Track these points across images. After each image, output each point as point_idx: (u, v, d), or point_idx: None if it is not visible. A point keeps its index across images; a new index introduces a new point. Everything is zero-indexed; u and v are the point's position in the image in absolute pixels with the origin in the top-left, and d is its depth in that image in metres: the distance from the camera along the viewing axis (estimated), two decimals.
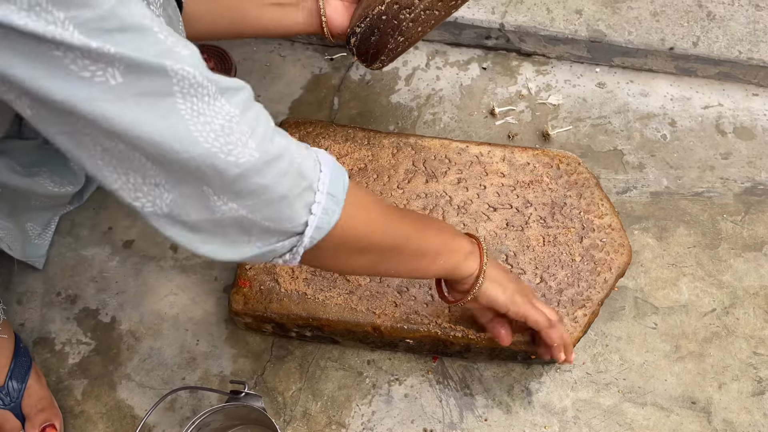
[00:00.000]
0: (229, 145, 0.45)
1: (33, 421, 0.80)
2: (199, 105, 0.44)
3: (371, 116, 1.08)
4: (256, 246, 0.52)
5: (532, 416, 0.85)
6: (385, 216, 0.60)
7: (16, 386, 0.80)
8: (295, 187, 0.50)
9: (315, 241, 0.53)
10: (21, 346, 0.83)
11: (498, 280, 0.70)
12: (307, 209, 0.51)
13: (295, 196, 0.50)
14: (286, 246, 0.53)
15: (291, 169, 0.49)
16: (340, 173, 0.54)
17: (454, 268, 0.66)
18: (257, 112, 0.48)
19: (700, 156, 1.04)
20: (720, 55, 1.08)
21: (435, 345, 0.84)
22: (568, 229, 0.88)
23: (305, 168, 0.51)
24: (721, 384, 0.87)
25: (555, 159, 0.93)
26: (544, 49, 1.13)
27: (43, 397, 0.82)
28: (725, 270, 0.95)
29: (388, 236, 0.60)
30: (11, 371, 0.80)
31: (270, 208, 0.49)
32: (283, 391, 0.86)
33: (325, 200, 0.52)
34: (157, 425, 0.84)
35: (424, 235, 0.63)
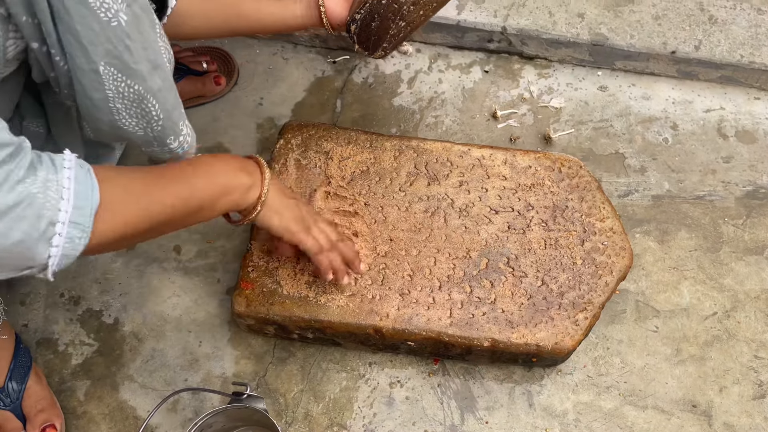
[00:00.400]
0: None
1: (33, 422, 0.80)
2: None
3: (374, 119, 1.09)
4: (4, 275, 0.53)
5: (533, 419, 0.85)
6: (144, 204, 0.60)
7: (15, 387, 0.80)
8: (32, 230, 0.50)
9: (66, 264, 0.54)
10: (21, 346, 0.83)
11: (276, 208, 0.73)
12: (47, 244, 0.52)
13: (32, 240, 0.51)
14: (35, 272, 0.54)
15: (29, 212, 0.50)
16: (86, 197, 0.54)
17: (235, 205, 0.69)
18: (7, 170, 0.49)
19: (701, 159, 1.05)
20: (722, 58, 1.08)
21: (436, 347, 0.84)
22: (570, 233, 0.88)
23: (46, 208, 0.51)
24: (722, 387, 0.87)
25: (557, 162, 0.93)
26: (546, 52, 1.13)
27: (44, 397, 0.82)
28: (726, 273, 0.95)
29: (153, 218, 0.61)
30: (11, 372, 0.80)
31: (8, 253, 0.50)
32: (285, 393, 0.86)
33: (67, 230, 0.53)
34: (160, 426, 0.84)
35: (193, 194, 0.65)
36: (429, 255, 0.86)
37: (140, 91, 0.63)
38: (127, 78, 0.61)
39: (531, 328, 0.82)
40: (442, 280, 0.85)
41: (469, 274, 0.85)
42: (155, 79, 0.64)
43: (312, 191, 0.90)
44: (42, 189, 0.51)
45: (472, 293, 0.84)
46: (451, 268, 0.86)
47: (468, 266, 0.86)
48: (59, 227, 0.52)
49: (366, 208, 0.90)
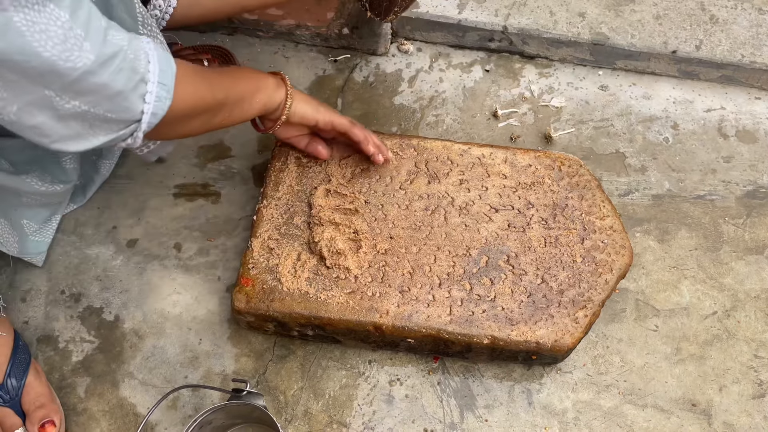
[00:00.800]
0: (66, 52, 0.50)
1: (32, 418, 0.80)
2: (31, 15, 0.47)
3: (374, 118, 1.09)
4: (100, 136, 0.59)
5: (532, 417, 0.85)
6: (208, 82, 0.68)
7: (14, 383, 0.81)
8: (129, 81, 0.56)
9: (153, 125, 0.60)
10: (20, 343, 0.83)
11: (303, 99, 0.82)
12: (141, 99, 0.58)
13: (129, 90, 0.56)
14: (127, 133, 0.60)
15: (125, 65, 0.55)
16: (168, 62, 0.60)
17: (267, 100, 0.77)
18: (87, 13, 0.52)
19: (702, 159, 1.05)
20: (723, 58, 1.09)
21: (436, 345, 0.84)
22: (570, 231, 0.88)
23: (137, 63, 0.56)
24: (722, 387, 0.87)
25: (557, 161, 0.93)
26: (547, 51, 1.13)
27: (42, 393, 0.82)
28: (726, 273, 0.95)
29: (213, 97, 0.68)
30: (10, 368, 0.81)
31: (109, 102, 0.55)
32: (285, 391, 0.86)
33: (157, 89, 0.58)
34: (159, 423, 0.84)
35: (239, 84, 0.74)
36: (429, 253, 0.87)
37: None
38: None
39: (531, 325, 0.82)
40: (442, 277, 0.85)
41: (469, 272, 0.85)
42: None
43: (313, 189, 0.90)
44: (129, 46, 0.55)
45: (472, 291, 0.84)
46: (451, 265, 0.86)
47: (468, 264, 0.86)
48: (150, 86, 0.58)
49: (366, 206, 0.90)
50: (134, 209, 1.00)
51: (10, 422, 0.80)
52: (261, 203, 0.90)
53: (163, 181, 1.02)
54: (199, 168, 1.03)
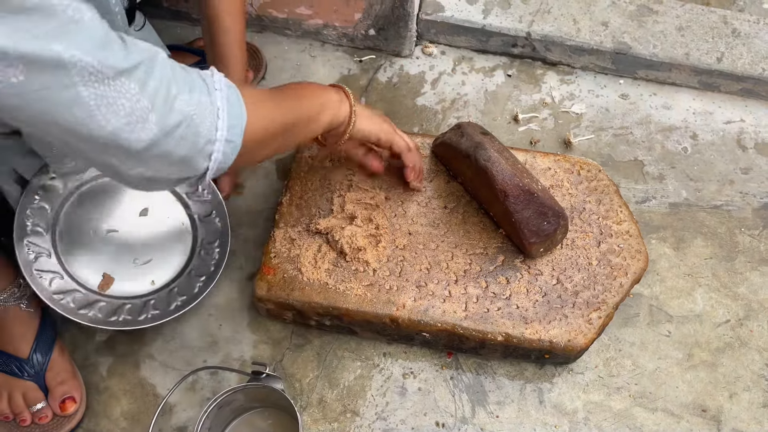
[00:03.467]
0: (130, 125, 0.50)
1: (54, 393, 0.83)
2: (101, 89, 0.47)
3: (396, 117, 1.11)
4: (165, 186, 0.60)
5: (543, 416, 0.86)
6: (276, 109, 0.67)
7: (39, 359, 0.83)
8: (193, 147, 0.56)
9: (219, 172, 0.61)
10: (47, 320, 0.86)
11: (367, 115, 0.80)
12: (206, 158, 0.58)
13: (194, 154, 0.56)
14: (192, 182, 0.61)
15: (189, 132, 0.54)
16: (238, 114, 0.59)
17: (333, 118, 0.75)
18: (158, 82, 0.51)
19: (720, 170, 1.06)
20: (743, 71, 1.10)
21: (450, 340, 0.86)
22: (586, 234, 0.89)
23: (203, 127, 0.56)
24: (732, 394, 0.88)
25: (576, 165, 0.95)
26: (569, 59, 1.15)
27: (65, 369, 0.85)
28: (741, 282, 0.96)
29: (282, 124, 0.67)
30: (36, 344, 0.84)
31: (172, 167, 0.56)
32: (301, 378, 0.88)
33: (223, 147, 0.58)
34: (178, 404, 0.87)
35: (304, 104, 0.72)
36: (447, 249, 0.88)
37: None
38: None
39: (545, 324, 0.83)
40: (459, 274, 0.87)
41: (486, 270, 0.87)
42: None
43: (335, 184, 0.93)
44: (197, 110, 0.55)
45: (488, 288, 0.86)
46: (468, 263, 0.87)
47: (485, 262, 0.87)
48: (217, 145, 0.57)
49: (387, 201, 0.92)
50: None
51: (33, 396, 0.83)
52: (284, 196, 0.92)
53: None
54: None
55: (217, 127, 0.57)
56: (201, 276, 0.88)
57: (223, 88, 0.58)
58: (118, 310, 0.83)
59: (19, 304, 0.83)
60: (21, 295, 0.83)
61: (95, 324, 0.81)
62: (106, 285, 0.85)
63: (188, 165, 0.57)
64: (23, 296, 0.84)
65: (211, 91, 0.57)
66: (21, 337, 0.83)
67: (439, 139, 0.93)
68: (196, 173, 0.59)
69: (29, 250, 0.81)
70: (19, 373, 0.82)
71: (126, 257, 0.87)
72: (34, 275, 0.80)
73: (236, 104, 0.59)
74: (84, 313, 0.81)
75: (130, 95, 0.49)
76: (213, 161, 0.58)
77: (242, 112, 0.59)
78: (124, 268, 0.87)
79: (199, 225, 0.92)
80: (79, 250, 0.86)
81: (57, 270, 0.83)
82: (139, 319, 0.83)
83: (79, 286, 0.83)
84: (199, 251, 0.90)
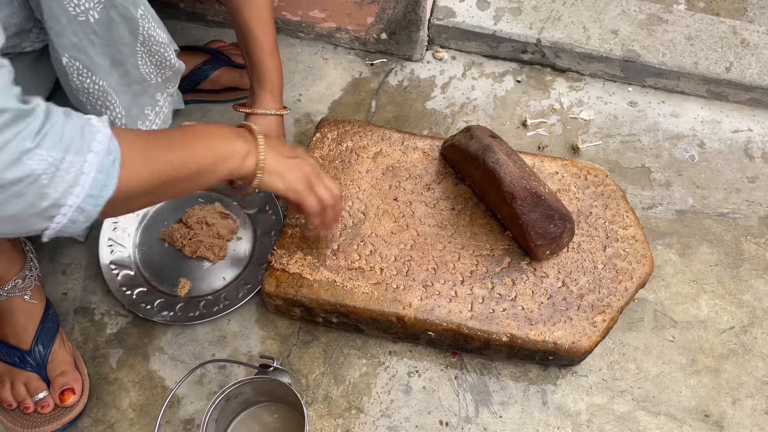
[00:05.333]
0: None
1: (54, 385, 0.84)
2: None
3: (406, 121, 1.12)
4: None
5: (546, 417, 0.87)
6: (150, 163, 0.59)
7: (41, 351, 0.84)
8: (30, 207, 0.49)
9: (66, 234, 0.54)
10: (50, 312, 0.87)
11: (277, 171, 0.72)
12: (46, 221, 0.52)
13: (29, 215, 0.50)
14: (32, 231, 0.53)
15: (30, 190, 0.49)
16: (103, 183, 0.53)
17: (233, 171, 0.68)
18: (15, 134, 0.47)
19: (727, 178, 1.06)
20: (752, 81, 1.10)
21: (455, 339, 0.87)
22: (593, 238, 0.90)
23: (52, 189, 0.50)
24: (736, 400, 0.88)
25: (583, 170, 0.96)
26: (578, 66, 1.16)
27: (66, 362, 0.86)
28: (746, 290, 0.96)
29: (167, 176, 0.60)
30: (38, 336, 0.84)
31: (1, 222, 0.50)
32: (307, 374, 0.89)
33: (73, 213, 0.52)
34: (186, 397, 0.88)
35: (194, 156, 0.64)
36: (453, 250, 0.89)
37: (104, 86, 0.69)
38: (92, 73, 0.66)
39: (549, 326, 0.84)
40: (465, 275, 0.88)
41: (492, 271, 0.88)
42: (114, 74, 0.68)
43: (345, 183, 0.94)
44: (51, 170, 0.49)
45: (494, 289, 0.87)
46: (474, 264, 0.88)
47: (491, 263, 0.88)
48: (65, 209, 0.51)
49: (395, 202, 0.93)
50: None
51: (34, 386, 0.84)
52: None
53: None
54: None
55: (72, 193, 0.51)
56: (262, 264, 0.95)
57: (100, 151, 0.52)
58: (195, 307, 0.92)
59: (23, 295, 0.84)
60: (25, 286, 0.85)
61: (176, 322, 0.91)
62: (184, 289, 0.94)
63: (17, 223, 0.51)
64: (28, 287, 0.85)
65: (84, 152, 0.51)
66: (23, 329, 0.84)
67: (448, 141, 0.95)
68: (26, 232, 0.53)
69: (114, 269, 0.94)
70: (21, 365, 0.83)
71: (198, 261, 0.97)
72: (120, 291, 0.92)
73: (105, 173, 0.53)
74: (165, 314, 0.91)
75: None
76: (55, 224, 0.52)
77: (110, 183, 0.53)
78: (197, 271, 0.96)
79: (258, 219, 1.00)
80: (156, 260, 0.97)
81: (140, 283, 0.94)
82: (213, 310, 0.92)
83: (160, 294, 0.93)
84: (259, 243, 0.98)
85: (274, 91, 0.90)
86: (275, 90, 0.91)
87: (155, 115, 0.83)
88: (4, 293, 0.83)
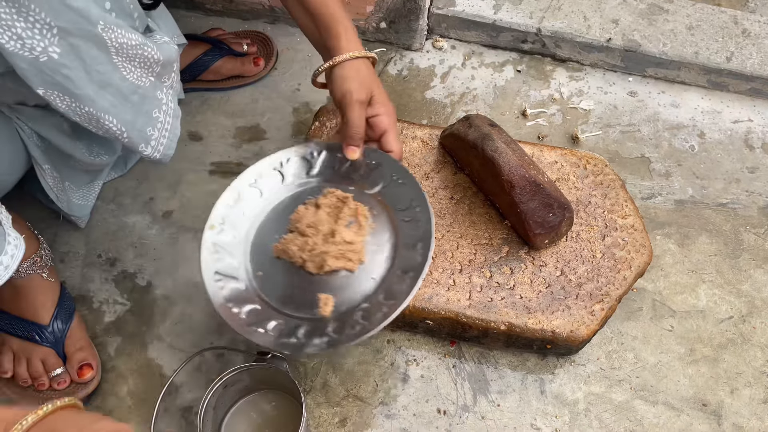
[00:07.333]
0: None
1: (72, 360, 0.86)
2: None
3: (406, 110, 1.12)
4: None
5: (543, 405, 0.87)
6: None
7: (60, 327, 0.86)
8: None
9: None
10: (66, 292, 0.89)
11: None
12: None
13: None
14: None
15: None
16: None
17: None
18: None
19: (726, 168, 1.06)
20: (753, 71, 1.10)
21: (454, 328, 0.87)
22: (591, 227, 0.90)
23: None
24: (734, 389, 0.88)
25: (582, 159, 0.95)
26: (578, 55, 1.16)
27: (83, 338, 0.88)
28: (745, 280, 0.96)
29: None
30: (56, 313, 0.86)
31: None
32: (305, 363, 0.89)
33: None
34: (184, 384, 0.88)
35: None
36: (452, 239, 0.89)
37: (91, 111, 0.66)
38: (75, 101, 0.63)
39: (548, 315, 0.84)
40: (464, 263, 0.87)
41: (490, 260, 0.88)
42: (105, 97, 0.64)
43: None
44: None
45: (492, 278, 0.86)
46: (473, 253, 0.88)
47: (489, 252, 0.88)
48: None
49: None
50: (171, 183, 1.04)
51: (51, 362, 0.85)
52: None
53: (199, 158, 1.07)
54: (235, 148, 1.08)
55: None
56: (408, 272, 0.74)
57: None
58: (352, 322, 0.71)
59: (41, 273, 0.85)
60: (43, 264, 0.85)
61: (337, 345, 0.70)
62: (327, 306, 0.72)
63: None
64: (45, 266, 0.86)
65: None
66: (42, 305, 0.86)
67: (447, 130, 0.94)
68: None
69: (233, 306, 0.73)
70: (39, 340, 0.84)
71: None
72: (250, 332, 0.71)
73: None
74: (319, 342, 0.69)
75: None
76: None
77: None
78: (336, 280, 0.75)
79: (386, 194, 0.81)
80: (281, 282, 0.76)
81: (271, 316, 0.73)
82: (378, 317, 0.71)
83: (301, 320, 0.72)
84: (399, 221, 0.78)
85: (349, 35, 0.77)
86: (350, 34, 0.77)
87: (164, 114, 0.78)
88: (24, 271, 0.84)
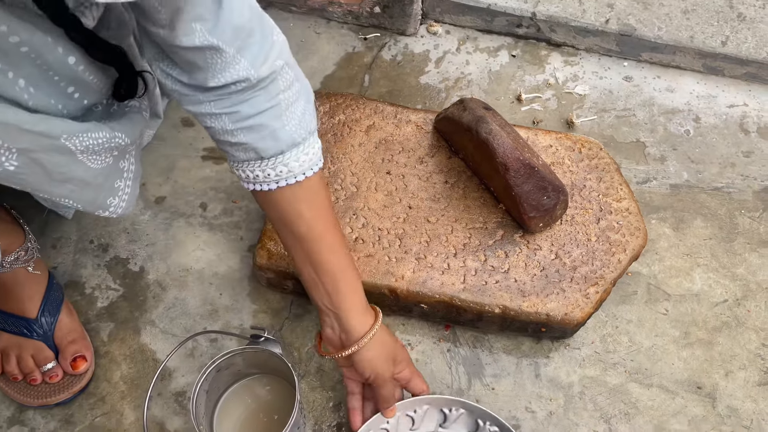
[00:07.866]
0: None
1: (64, 352, 0.84)
2: None
3: (400, 95, 1.11)
4: None
5: (538, 389, 0.87)
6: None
7: (48, 319, 0.84)
8: None
9: None
10: (53, 282, 0.87)
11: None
12: None
13: None
14: None
15: None
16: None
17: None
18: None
19: (722, 152, 1.06)
20: (748, 55, 1.10)
21: (448, 312, 0.86)
22: (586, 210, 0.90)
23: None
24: (728, 372, 0.88)
25: (577, 143, 0.95)
26: (573, 40, 1.15)
27: (75, 329, 0.86)
28: (739, 263, 0.96)
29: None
30: (43, 305, 0.84)
31: None
32: (300, 347, 0.89)
33: None
34: (177, 370, 0.88)
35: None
36: (447, 223, 0.89)
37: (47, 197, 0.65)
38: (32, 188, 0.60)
39: (542, 298, 0.84)
40: (458, 247, 0.87)
41: (485, 244, 0.87)
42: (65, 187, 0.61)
43: (338, 159, 0.93)
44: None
45: (487, 262, 0.86)
46: (468, 237, 0.88)
47: (484, 236, 0.88)
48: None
49: (388, 175, 0.92)
50: (163, 168, 1.03)
51: (43, 356, 0.83)
52: None
53: (192, 143, 1.06)
54: None
55: None
56: None
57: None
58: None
59: (27, 266, 0.84)
60: (28, 258, 0.84)
61: None
62: None
63: None
64: (30, 259, 0.84)
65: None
66: (29, 299, 0.84)
67: (441, 114, 0.94)
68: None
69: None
70: (28, 333, 0.83)
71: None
72: None
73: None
74: None
75: None
76: None
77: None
78: None
79: None
80: None
81: None
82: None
83: None
84: None
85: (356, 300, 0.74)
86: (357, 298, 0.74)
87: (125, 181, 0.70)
88: (8, 265, 0.82)
